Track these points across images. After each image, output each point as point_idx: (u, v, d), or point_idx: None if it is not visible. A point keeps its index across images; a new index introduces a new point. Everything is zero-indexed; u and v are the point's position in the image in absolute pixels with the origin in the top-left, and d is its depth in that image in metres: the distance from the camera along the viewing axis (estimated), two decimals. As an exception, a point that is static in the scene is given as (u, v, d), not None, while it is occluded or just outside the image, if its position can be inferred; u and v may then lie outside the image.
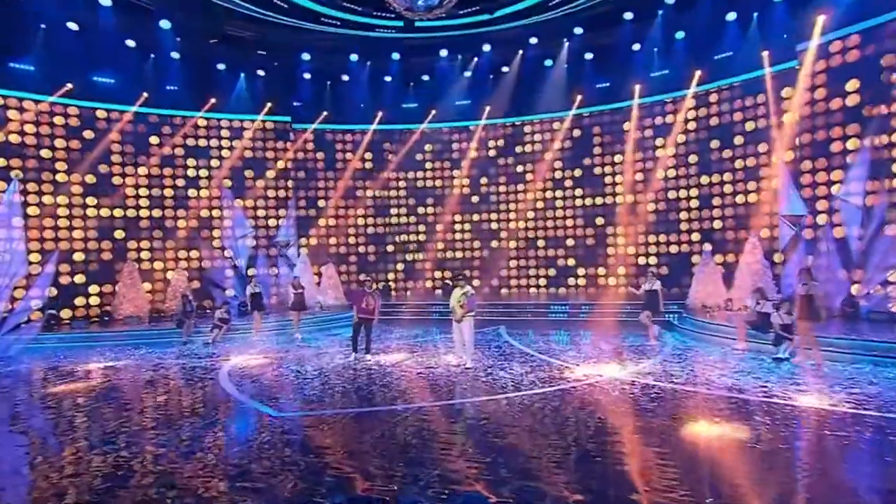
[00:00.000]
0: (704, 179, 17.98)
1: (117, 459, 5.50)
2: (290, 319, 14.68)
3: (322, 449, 5.65)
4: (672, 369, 9.09)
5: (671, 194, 18.87)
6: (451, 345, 10.54)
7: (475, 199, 21.94)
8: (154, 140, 19.09)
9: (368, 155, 22.36)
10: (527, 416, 6.72)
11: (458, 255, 21.98)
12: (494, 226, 21.81)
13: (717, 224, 17.88)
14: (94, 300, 17.55)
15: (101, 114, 18.26)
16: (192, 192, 19.48)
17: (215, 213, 19.64)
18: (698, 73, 17.46)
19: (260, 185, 20.37)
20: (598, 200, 20.37)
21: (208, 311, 17.82)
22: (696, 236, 18.23)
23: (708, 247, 17.06)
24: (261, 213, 20.44)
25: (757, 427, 5.81)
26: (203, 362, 10.90)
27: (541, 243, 21.28)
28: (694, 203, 18.43)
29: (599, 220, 20.34)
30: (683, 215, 18.46)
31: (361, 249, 22.23)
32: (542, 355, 10.37)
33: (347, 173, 21.92)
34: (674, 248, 18.74)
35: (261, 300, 14.15)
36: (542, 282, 21.14)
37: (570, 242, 21.01)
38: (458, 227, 22.19)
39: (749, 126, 16.49)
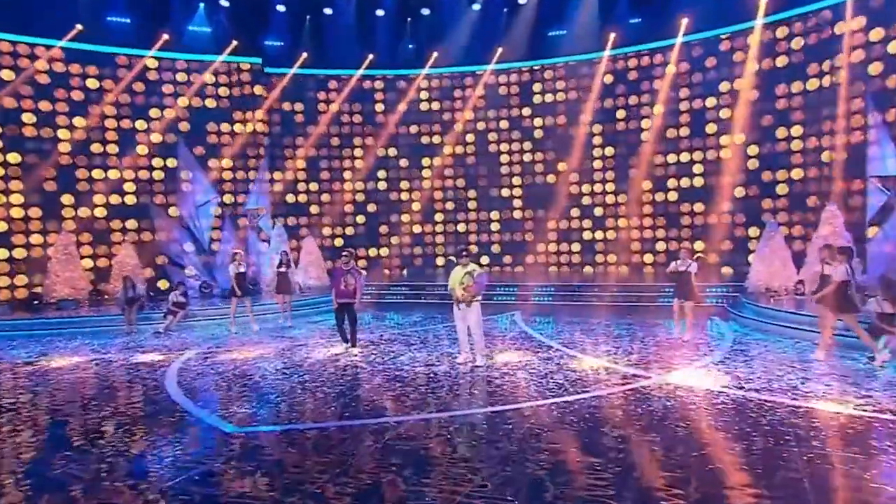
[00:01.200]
0: (781, 132, 16.94)
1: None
2: (272, 303, 14.58)
3: (290, 478, 5.01)
4: (738, 370, 8.50)
5: (725, 153, 18.24)
6: (455, 335, 10.15)
7: (484, 159, 21.70)
8: (92, 84, 18.29)
9: (356, 106, 21.91)
10: (555, 433, 6.04)
11: (462, 227, 21.96)
12: (505, 192, 21.57)
13: (782, 189, 17.08)
14: (19, 280, 17.03)
15: (22, 49, 17.19)
16: (141, 150, 18.90)
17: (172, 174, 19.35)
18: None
19: (225, 142, 20.01)
20: (635, 161, 19.99)
21: (156, 295, 17.59)
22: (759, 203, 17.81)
23: (774, 218, 16.40)
24: (227, 175, 20.04)
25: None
26: (150, 357, 10.53)
27: (574, 212, 20.93)
28: (754, 164, 17.70)
29: (636, 184, 20.10)
30: (742, 177, 17.99)
31: (349, 220, 22.09)
32: (568, 349, 10.07)
33: (331, 127, 21.62)
34: (726, 219, 18.25)
35: (247, 281, 13.52)
36: (566, 259, 21.05)
37: (598, 212, 20.66)
38: (460, 193, 21.99)
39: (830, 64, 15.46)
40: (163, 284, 18.66)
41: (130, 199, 18.78)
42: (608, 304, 15.75)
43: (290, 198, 21.44)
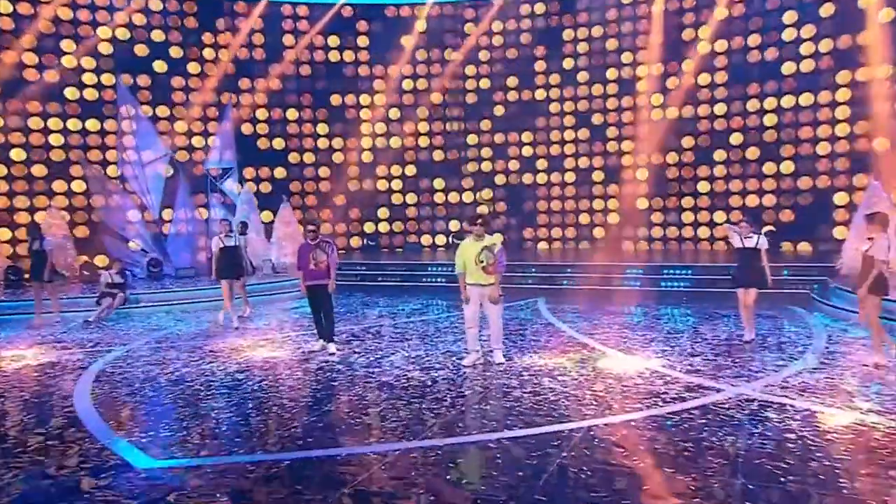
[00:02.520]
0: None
1: None
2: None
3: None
4: (845, 382, 7.57)
5: (806, 98, 18.07)
6: (460, 328, 9.94)
7: (499, 110, 22.17)
8: (4, 7, 18.16)
9: (333, 40, 21.97)
10: (600, 472, 5.14)
11: (467, 197, 22.47)
12: (527, 151, 21.93)
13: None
14: None
15: None
16: (70, 94, 18.76)
17: (109, 125, 19.08)
18: None
19: (177, 84, 19.86)
20: (687, 111, 19.86)
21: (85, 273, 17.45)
22: (844, 162, 17.46)
23: (870, 180, 15.31)
24: (180, 126, 19.80)
25: None
26: (66, 356, 9.97)
27: (597, 176, 21.20)
28: (842, 112, 17.48)
29: (688, 141, 19.94)
30: (825, 131, 17.79)
31: (324, 186, 22.56)
32: (608, 348, 9.54)
33: (301, 67, 22.06)
34: (805, 183, 18.14)
35: (238, 260, 12.65)
36: (600, 232, 21.19)
37: (641, 174, 20.41)
38: (470, 150, 22.39)
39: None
40: (101, 261, 18.39)
41: (58, 155, 18.47)
42: (658, 289, 15.35)
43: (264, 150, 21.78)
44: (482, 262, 8.31)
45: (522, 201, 22.17)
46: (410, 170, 22.85)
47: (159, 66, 19.42)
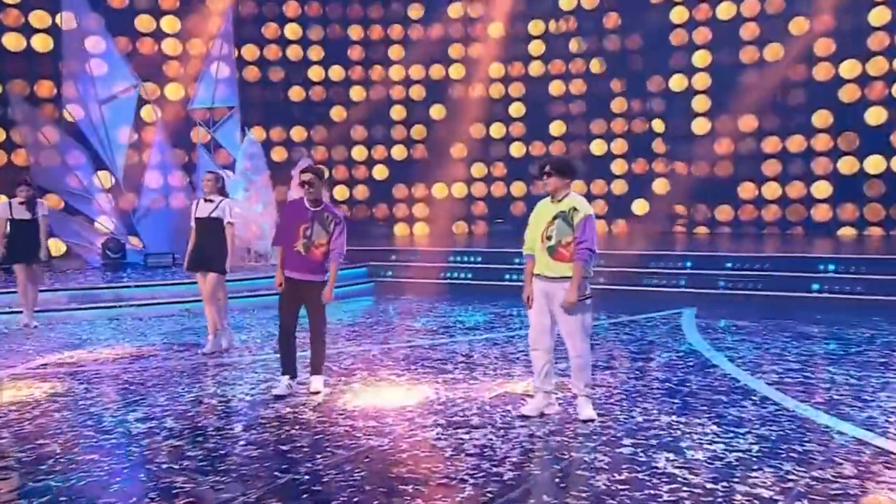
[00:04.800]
0: None
1: None
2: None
3: None
4: None
5: None
6: (525, 351, 9.73)
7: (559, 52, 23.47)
8: None
9: None
10: None
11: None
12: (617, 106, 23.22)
13: None
14: None
15: None
16: None
17: (41, 42, 19.89)
18: None
19: None
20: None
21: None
22: None
23: None
24: (146, 45, 20.77)
25: None
26: None
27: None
28: None
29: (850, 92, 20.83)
30: None
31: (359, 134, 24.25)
32: (796, 400, 8.11)
33: None
34: None
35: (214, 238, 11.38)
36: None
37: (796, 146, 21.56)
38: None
39: None
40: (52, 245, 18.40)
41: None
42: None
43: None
44: (550, 239, 7.14)
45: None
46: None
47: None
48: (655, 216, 22.85)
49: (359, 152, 24.71)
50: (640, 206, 23.12)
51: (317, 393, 8.38)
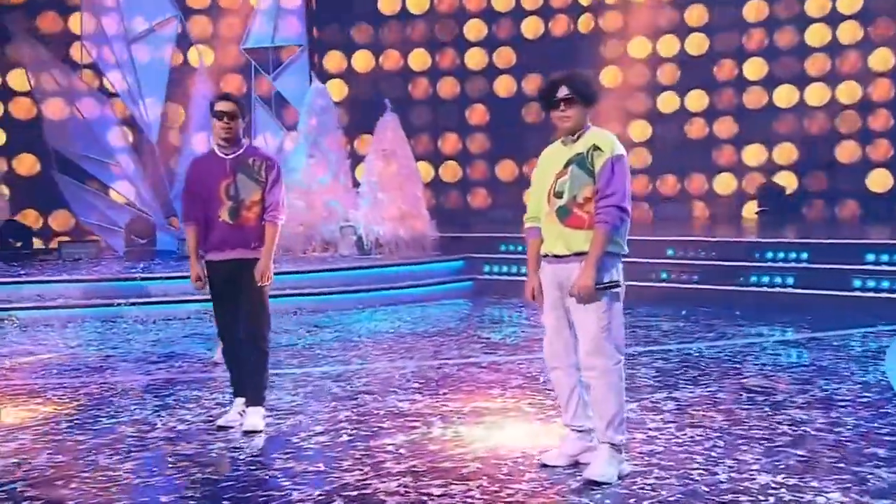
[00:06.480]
0: None
1: None
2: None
3: None
4: None
5: None
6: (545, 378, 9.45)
7: None
8: None
9: None
10: None
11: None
12: None
13: None
14: None
15: None
16: None
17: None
18: None
19: None
20: None
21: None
22: None
23: None
24: None
25: None
26: None
27: None
28: None
29: None
30: None
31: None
32: None
33: None
34: None
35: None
36: None
37: None
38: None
39: None
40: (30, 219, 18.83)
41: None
42: None
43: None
44: (560, 196, 6.48)
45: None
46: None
47: None
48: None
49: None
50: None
51: (253, 433, 7.70)
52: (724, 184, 23.18)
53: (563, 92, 6.37)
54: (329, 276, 15.47)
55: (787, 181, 22.36)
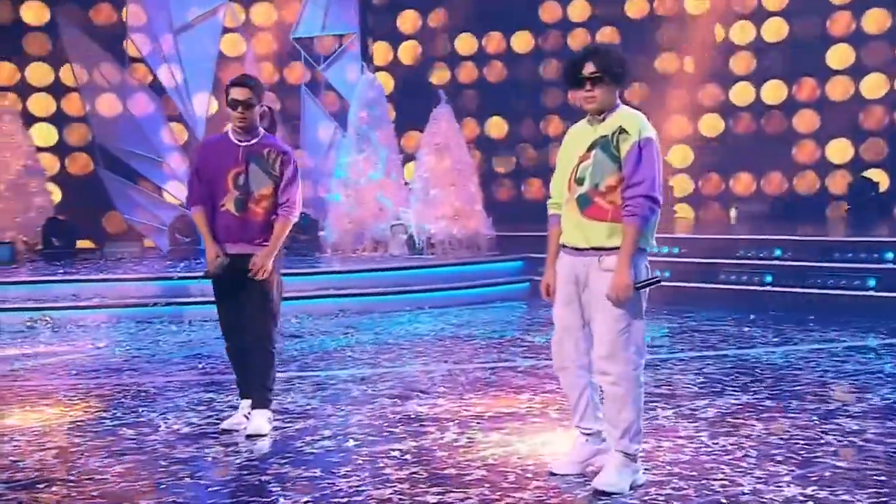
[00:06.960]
0: None
1: None
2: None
3: None
4: None
5: None
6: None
7: None
8: None
9: None
10: None
11: None
12: None
13: None
14: None
15: None
16: None
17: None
18: None
19: None
20: None
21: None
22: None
23: None
24: None
25: None
26: None
27: None
28: None
29: None
30: None
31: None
32: None
33: None
34: None
35: None
36: None
37: None
38: None
39: None
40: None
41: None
42: None
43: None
44: (581, 183, 6.35)
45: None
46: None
47: None
48: None
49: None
50: None
51: (257, 437, 7.69)
52: (807, 183, 22.95)
53: (589, 69, 6.23)
54: (378, 277, 15.62)
55: (878, 178, 21.56)
